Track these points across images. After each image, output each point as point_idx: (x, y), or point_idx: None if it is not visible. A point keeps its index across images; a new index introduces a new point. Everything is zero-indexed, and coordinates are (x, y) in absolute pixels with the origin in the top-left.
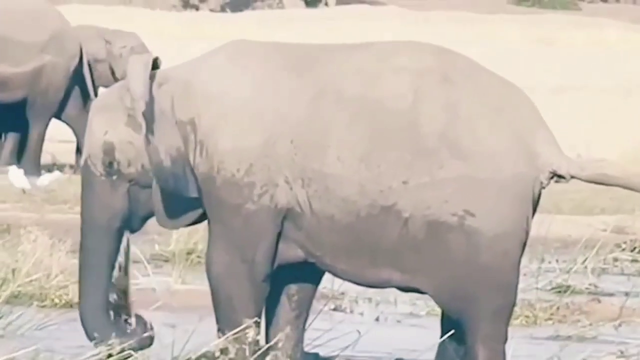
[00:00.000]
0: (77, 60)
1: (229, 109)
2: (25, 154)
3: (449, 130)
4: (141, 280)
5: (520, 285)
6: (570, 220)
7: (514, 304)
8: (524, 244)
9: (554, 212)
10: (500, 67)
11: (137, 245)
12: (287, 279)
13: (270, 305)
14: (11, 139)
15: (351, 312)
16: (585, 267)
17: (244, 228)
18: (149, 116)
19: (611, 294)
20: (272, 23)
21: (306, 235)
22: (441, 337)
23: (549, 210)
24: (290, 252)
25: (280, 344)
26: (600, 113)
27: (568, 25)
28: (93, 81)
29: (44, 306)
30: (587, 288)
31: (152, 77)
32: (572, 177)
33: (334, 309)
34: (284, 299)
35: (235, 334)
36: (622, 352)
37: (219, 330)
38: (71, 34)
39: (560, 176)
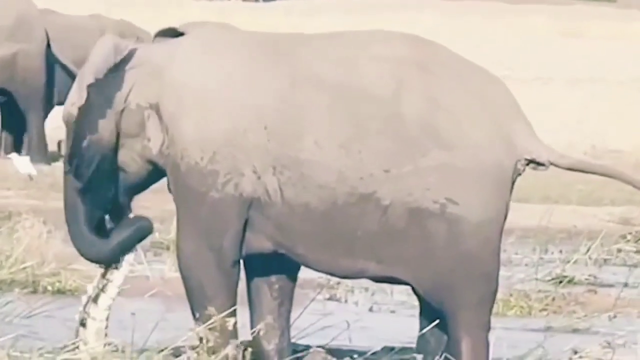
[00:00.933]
0: (45, 43)
1: (195, 96)
2: (29, 143)
3: (431, 120)
4: (136, 268)
5: (520, 276)
6: (577, 211)
7: (496, 292)
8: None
9: (562, 203)
10: (520, 57)
11: None
12: (267, 268)
13: (253, 296)
14: (13, 128)
15: (346, 301)
16: (589, 257)
17: (209, 216)
18: (93, 95)
19: (610, 285)
20: (302, 13)
21: (275, 225)
22: (421, 328)
23: (556, 201)
24: (258, 243)
25: (262, 333)
26: (617, 105)
27: (598, 17)
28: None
29: (35, 293)
30: (586, 279)
31: (130, 58)
32: (552, 164)
33: (329, 298)
34: (265, 288)
35: (212, 322)
36: (608, 343)
37: (195, 319)
38: (37, 18)
39: (539, 164)
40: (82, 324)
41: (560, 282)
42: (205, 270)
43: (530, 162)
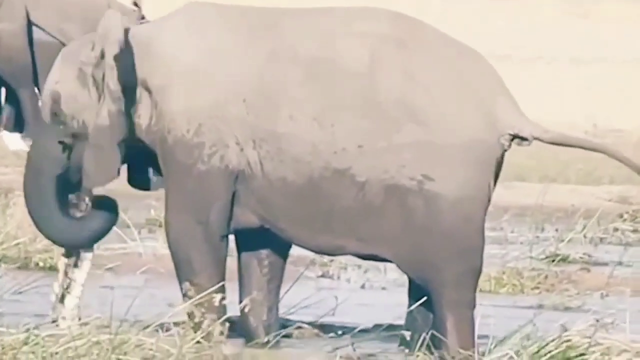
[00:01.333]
0: (26, 22)
1: (180, 70)
2: (25, 120)
3: (406, 96)
4: (128, 245)
5: (514, 254)
6: (576, 190)
7: (479, 270)
8: (487, 209)
9: (560, 182)
10: (525, 36)
11: (133, 209)
12: (257, 243)
13: (242, 272)
14: (8, 107)
15: (338, 278)
16: (585, 236)
17: (196, 189)
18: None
19: (605, 264)
20: None
21: (258, 199)
22: (410, 305)
23: (554, 180)
24: (244, 218)
25: (248, 309)
26: (620, 85)
27: None
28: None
29: (26, 269)
30: (581, 257)
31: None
32: (535, 139)
33: (322, 276)
34: (254, 264)
35: (200, 298)
36: (597, 321)
37: (183, 295)
38: None
39: (523, 138)
40: (53, 321)
41: (553, 260)
42: (193, 245)
43: (514, 137)
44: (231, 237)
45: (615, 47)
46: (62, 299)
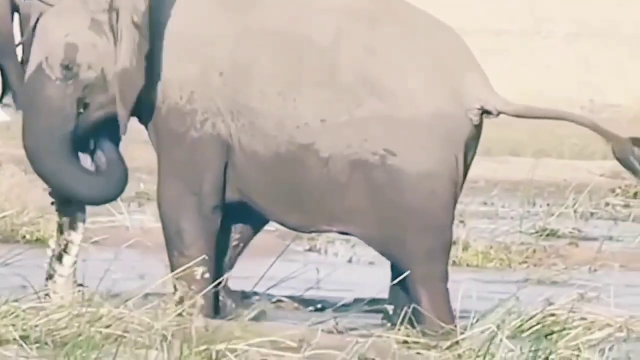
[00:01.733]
0: None
1: (171, 39)
2: (11, 89)
3: (368, 70)
4: (116, 218)
5: (504, 228)
6: (569, 165)
7: (449, 244)
8: (458, 184)
9: (554, 157)
10: (522, 11)
11: None
12: (234, 216)
13: (219, 243)
14: None
15: (325, 252)
16: (575, 211)
17: (189, 157)
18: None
19: (594, 239)
20: None
21: (237, 173)
22: (392, 279)
23: (549, 154)
24: (228, 192)
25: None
26: (617, 60)
27: None
28: None
29: (13, 241)
30: (570, 232)
31: None
32: (500, 112)
33: (309, 250)
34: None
35: (182, 270)
36: (582, 296)
37: (171, 266)
38: None
39: (487, 112)
40: (50, 277)
41: (541, 235)
42: (184, 216)
43: (483, 111)
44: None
45: (612, 22)
46: (59, 258)
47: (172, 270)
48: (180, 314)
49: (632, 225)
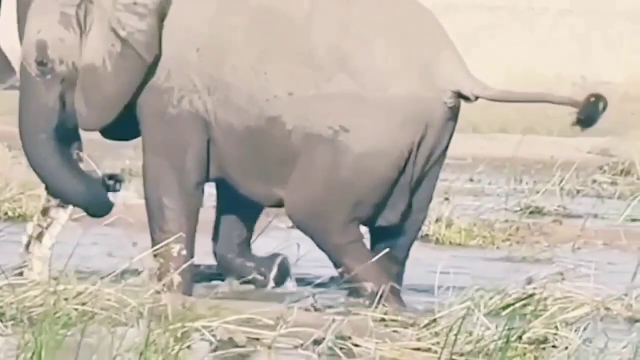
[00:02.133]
0: None
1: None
2: None
3: (339, 45)
4: None
5: (489, 205)
6: (557, 142)
7: (365, 218)
8: (402, 167)
9: (543, 134)
10: None
11: (109, 159)
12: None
13: (218, 221)
14: None
15: None
16: (562, 188)
17: (169, 135)
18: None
19: (580, 216)
20: None
21: (216, 148)
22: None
23: (537, 132)
24: (210, 168)
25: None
26: (609, 37)
27: None
28: None
29: None
30: (555, 210)
31: None
32: (476, 97)
33: (292, 226)
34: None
35: (159, 248)
36: (561, 274)
37: (152, 242)
38: None
39: (464, 97)
40: (26, 265)
41: (531, 212)
42: (166, 191)
43: (460, 95)
44: None
45: None
46: (39, 237)
47: (153, 245)
48: (156, 292)
49: (618, 202)
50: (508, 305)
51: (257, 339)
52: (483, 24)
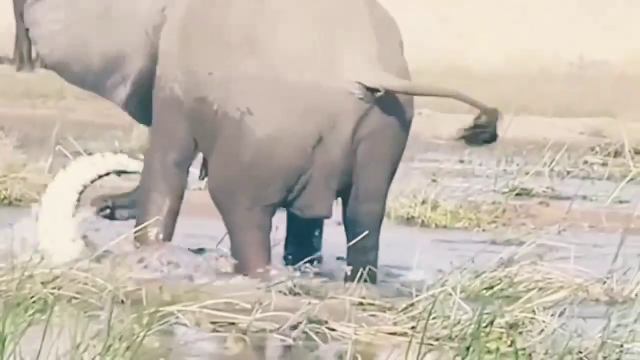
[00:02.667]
0: None
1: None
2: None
3: (253, 28)
4: None
5: (477, 187)
6: (551, 123)
7: (272, 202)
8: (308, 156)
9: (537, 114)
10: None
11: (102, 140)
12: None
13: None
14: None
15: None
16: (552, 169)
17: (160, 115)
18: None
19: (568, 198)
20: None
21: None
22: (348, 240)
23: (531, 112)
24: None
25: None
26: (606, 16)
27: None
28: None
29: None
30: (544, 191)
31: None
32: (386, 89)
33: None
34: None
35: (136, 231)
36: (541, 257)
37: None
38: None
39: (373, 89)
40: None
41: (519, 194)
42: (152, 171)
43: (368, 88)
44: None
45: None
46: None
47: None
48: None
49: (607, 184)
50: (486, 289)
51: (233, 324)
52: (482, 4)
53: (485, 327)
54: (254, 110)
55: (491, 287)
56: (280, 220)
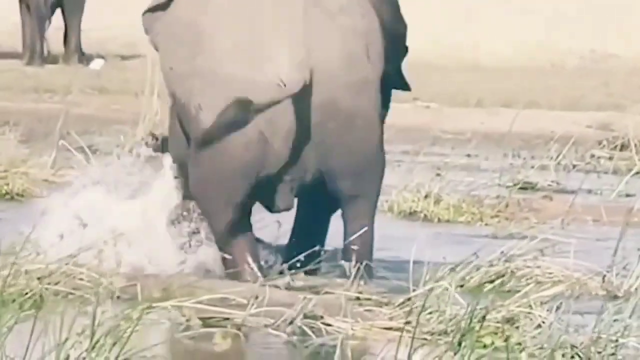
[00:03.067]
0: None
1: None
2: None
3: (198, 22)
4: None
5: (482, 181)
6: (559, 117)
7: (239, 201)
8: (254, 149)
9: (546, 108)
10: None
11: (107, 135)
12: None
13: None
14: None
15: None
16: (559, 163)
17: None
18: None
19: (573, 192)
20: None
21: None
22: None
23: (539, 106)
24: None
25: None
26: (619, 10)
27: None
28: None
29: None
30: (549, 185)
31: None
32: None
33: None
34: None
35: None
36: (542, 251)
37: None
38: None
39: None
40: None
41: (524, 188)
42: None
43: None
44: None
45: None
46: None
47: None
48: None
49: (613, 177)
50: (486, 283)
51: (228, 319)
52: None
53: (479, 321)
54: (203, 106)
55: (491, 282)
56: (280, 217)
